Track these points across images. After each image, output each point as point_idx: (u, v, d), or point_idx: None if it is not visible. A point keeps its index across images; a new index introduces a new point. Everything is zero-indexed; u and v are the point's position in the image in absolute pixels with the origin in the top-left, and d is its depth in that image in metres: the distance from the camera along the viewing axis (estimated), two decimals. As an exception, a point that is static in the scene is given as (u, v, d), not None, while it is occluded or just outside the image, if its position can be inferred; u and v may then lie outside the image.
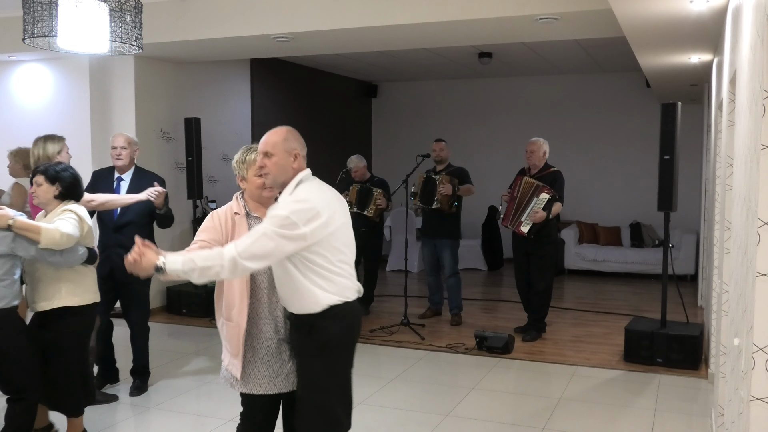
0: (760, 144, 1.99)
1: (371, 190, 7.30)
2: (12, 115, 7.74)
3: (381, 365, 5.90)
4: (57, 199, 3.80)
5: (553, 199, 6.31)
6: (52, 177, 3.79)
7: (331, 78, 11.23)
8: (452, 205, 6.96)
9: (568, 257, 10.24)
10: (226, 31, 6.28)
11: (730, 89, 3.80)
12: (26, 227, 3.55)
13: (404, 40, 6.40)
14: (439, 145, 7.17)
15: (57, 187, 3.79)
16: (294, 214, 2.77)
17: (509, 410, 4.90)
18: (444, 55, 9.45)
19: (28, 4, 3.36)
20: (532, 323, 6.67)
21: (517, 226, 6.44)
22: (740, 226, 2.59)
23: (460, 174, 7.07)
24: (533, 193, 6.42)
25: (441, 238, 7.12)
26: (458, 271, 7.20)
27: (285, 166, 2.98)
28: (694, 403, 5.04)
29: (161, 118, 7.74)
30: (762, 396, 1.96)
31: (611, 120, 11.00)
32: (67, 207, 3.76)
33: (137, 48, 3.64)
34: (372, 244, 7.53)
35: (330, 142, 11.02)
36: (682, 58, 6.20)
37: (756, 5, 2.25)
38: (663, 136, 5.77)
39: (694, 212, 9.78)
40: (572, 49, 8.92)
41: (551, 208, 6.32)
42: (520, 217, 6.44)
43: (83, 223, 3.75)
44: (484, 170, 10.89)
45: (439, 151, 7.12)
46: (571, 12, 5.18)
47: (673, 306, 6.63)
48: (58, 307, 3.77)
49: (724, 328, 3.79)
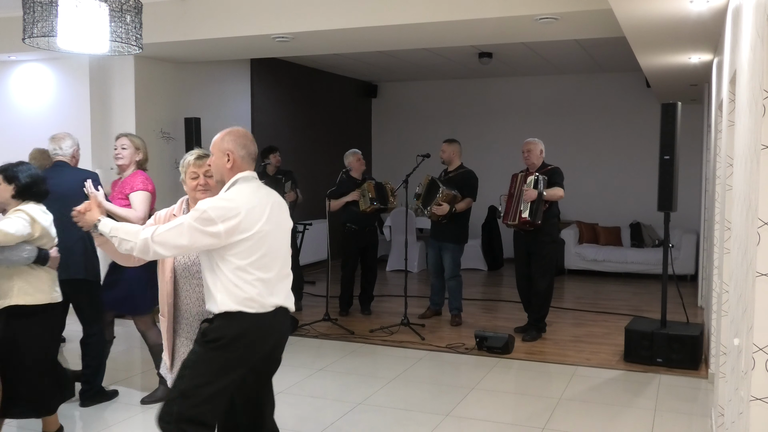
0: (760, 144, 1.99)
1: (382, 183, 7.33)
2: (12, 115, 7.74)
3: (381, 365, 5.90)
4: (15, 198, 3.81)
5: (539, 179, 6.33)
6: (9, 177, 3.81)
7: (331, 78, 11.23)
8: (441, 220, 6.93)
9: (568, 257, 10.24)
10: (226, 31, 6.28)
11: (730, 89, 3.80)
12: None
13: (404, 40, 6.40)
14: (443, 145, 7.15)
15: (13, 186, 3.79)
16: (213, 210, 2.84)
17: (509, 410, 4.90)
18: (444, 55, 9.45)
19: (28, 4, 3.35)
20: (532, 323, 6.67)
21: (519, 216, 6.43)
22: (740, 226, 2.59)
23: (467, 181, 6.99)
24: (521, 181, 6.51)
25: (445, 241, 7.10)
26: (459, 274, 7.18)
27: (219, 166, 3.07)
28: (694, 403, 5.04)
29: (161, 118, 7.74)
30: (762, 396, 1.96)
31: (611, 120, 11.00)
32: (20, 207, 3.77)
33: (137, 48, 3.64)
34: (375, 245, 7.53)
35: (330, 142, 11.02)
36: (682, 58, 6.20)
37: (756, 5, 2.25)
38: (663, 136, 5.77)
39: (694, 212, 9.78)
40: (572, 49, 8.92)
41: (543, 187, 6.32)
42: (519, 208, 6.45)
43: (36, 224, 3.75)
44: (484, 170, 10.82)
45: (441, 152, 7.11)
46: (571, 12, 5.18)
47: (673, 306, 6.63)
48: (11, 305, 3.78)
49: (724, 328, 3.79)
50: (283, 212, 3.11)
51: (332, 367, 5.78)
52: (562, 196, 6.43)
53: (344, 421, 4.59)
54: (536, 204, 6.32)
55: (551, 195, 6.35)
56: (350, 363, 5.89)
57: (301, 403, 4.91)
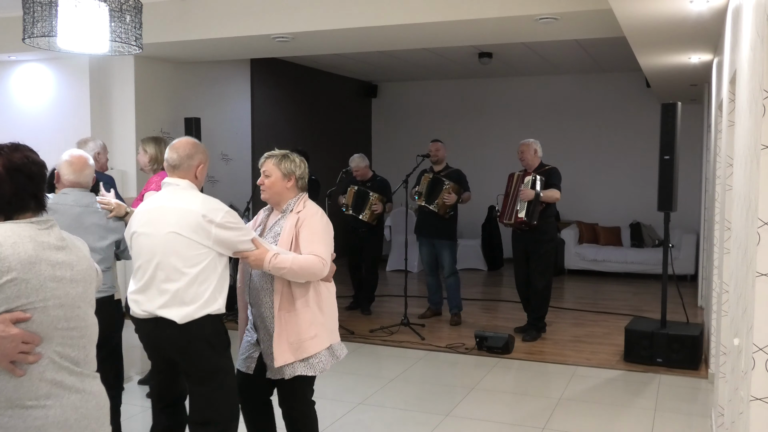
0: (760, 144, 1.99)
1: (368, 193, 7.29)
2: (12, 115, 7.73)
3: (381, 365, 5.90)
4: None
5: (537, 180, 6.34)
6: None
7: (331, 78, 11.23)
8: (448, 212, 6.98)
9: (568, 257, 10.23)
10: (226, 31, 6.28)
11: (730, 89, 3.80)
12: None
13: (404, 40, 6.40)
14: (435, 145, 7.18)
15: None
16: None
17: (509, 410, 4.90)
18: (444, 55, 9.45)
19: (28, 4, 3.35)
20: (531, 323, 6.67)
21: (515, 216, 6.45)
22: (740, 226, 2.59)
23: (460, 178, 7.08)
24: (518, 181, 6.52)
25: (440, 239, 7.12)
26: (457, 271, 7.21)
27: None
28: (694, 403, 5.04)
29: (161, 118, 7.74)
30: (762, 396, 1.96)
31: (611, 120, 11.00)
32: None
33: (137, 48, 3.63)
34: (371, 245, 7.54)
35: (330, 142, 11.02)
36: (682, 58, 6.20)
37: (756, 5, 2.25)
38: (663, 136, 5.77)
39: (694, 212, 9.78)
40: (572, 49, 8.92)
41: (540, 188, 6.33)
42: (515, 207, 6.47)
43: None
44: (484, 170, 10.90)
45: (435, 151, 7.13)
46: (571, 12, 5.18)
47: (673, 306, 6.63)
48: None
49: (724, 328, 3.79)
50: (162, 219, 3.07)
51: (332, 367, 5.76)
52: (558, 199, 6.44)
53: (344, 421, 4.59)
54: (533, 204, 6.34)
55: (547, 196, 6.36)
56: (350, 363, 5.89)
57: (301, 403, 4.90)
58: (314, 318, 3.19)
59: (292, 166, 3.25)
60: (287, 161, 3.26)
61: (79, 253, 2.07)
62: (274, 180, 3.23)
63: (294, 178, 3.25)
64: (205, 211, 2.96)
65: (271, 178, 3.23)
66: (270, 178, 3.24)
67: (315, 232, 3.18)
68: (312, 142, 10.62)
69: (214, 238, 2.96)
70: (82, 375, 2.00)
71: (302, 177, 3.29)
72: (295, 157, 3.29)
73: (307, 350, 3.18)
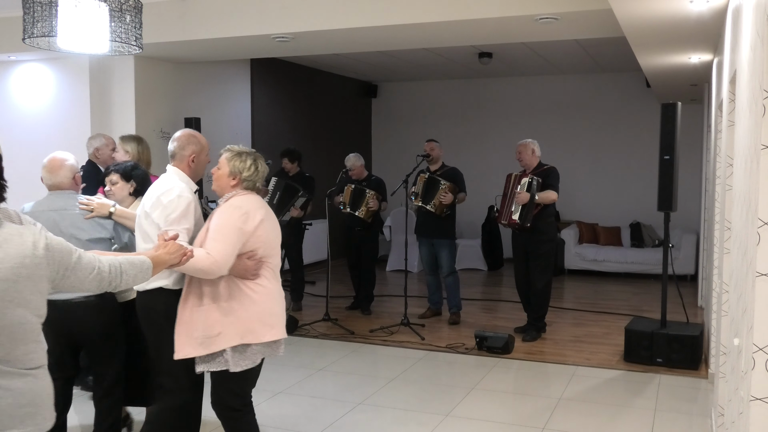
0: (760, 144, 1.99)
1: (364, 191, 7.31)
2: (12, 115, 7.73)
3: (381, 365, 5.91)
4: (131, 196, 3.97)
5: (533, 182, 6.35)
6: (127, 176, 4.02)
7: (331, 78, 11.23)
8: (445, 212, 6.98)
9: (568, 257, 10.23)
10: (226, 31, 6.28)
11: (730, 89, 3.80)
12: (124, 215, 3.75)
13: (404, 40, 6.40)
14: (430, 144, 7.18)
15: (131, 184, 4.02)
16: None
17: (509, 410, 4.90)
18: (444, 55, 9.45)
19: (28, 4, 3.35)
20: (531, 322, 6.67)
21: (510, 217, 6.46)
22: (740, 226, 2.59)
23: (455, 176, 7.07)
24: (515, 182, 6.53)
25: (439, 238, 7.13)
26: (456, 270, 7.22)
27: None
28: (694, 403, 5.04)
29: (161, 118, 7.74)
30: (762, 396, 1.96)
31: (611, 120, 10.99)
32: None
33: (137, 48, 3.63)
34: (367, 244, 7.55)
35: (330, 142, 11.02)
36: (682, 58, 6.20)
37: (756, 5, 2.25)
38: (663, 136, 5.77)
39: (694, 212, 9.78)
40: (572, 49, 8.92)
41: (536, 191, 6.33)
42: (510, 208, 6.48)
43: None
44: (483, 170, 10.90)
45: (430, 150, 7.14)
46: (571, 12, 5.18)
47: (673, 306, 6.63)
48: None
49: (724, 328, 3.79)
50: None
51: (332, 367, 5.78)
52: (555, 200, 6.44)
53: (344, 421, 4.60)
54: (527, 207, 6.34)
55: (543, 198, 6.36)
56: (350, 363, 5.89)
57: (301, 403, 4.90)
58: (221, 316, 3.16)
59: (241, 166, 3.26)
60: (237, 160, 3.27)
61: (9, 250, 2.03)
62: (221, 174, 3.30)
63: (239, 178, 3.26)
64: (159, 192, 3.26)
65: (219, 172, 3.31)
66: (219, 170, 3.31)
67: (219, 227, 3.14)
68: (312, 142, 10.63)
69: (157, 216, 3.22)
70: (2, 372, 2.04)
71: (249, 179, 3.28)
72: (249, 159, 3.28)
73: (209, 347, 3.16)
